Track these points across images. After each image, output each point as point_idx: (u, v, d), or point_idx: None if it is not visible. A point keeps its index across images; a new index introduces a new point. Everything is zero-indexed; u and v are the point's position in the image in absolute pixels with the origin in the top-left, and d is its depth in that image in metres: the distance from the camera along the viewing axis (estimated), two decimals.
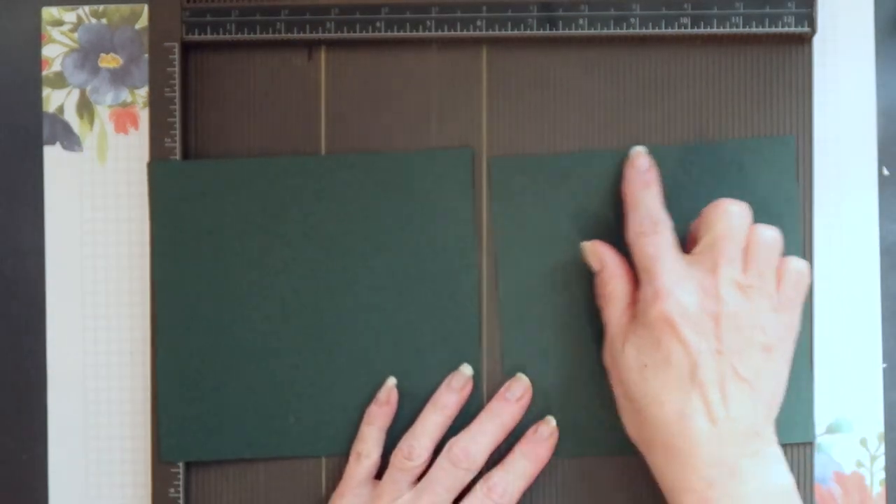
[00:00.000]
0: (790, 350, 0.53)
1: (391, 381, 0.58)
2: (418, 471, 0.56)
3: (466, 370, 0.57)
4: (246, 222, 0.58)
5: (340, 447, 0.58)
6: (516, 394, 0.57)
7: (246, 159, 0.58)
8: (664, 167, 0.57)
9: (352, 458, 0.57)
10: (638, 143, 0.57)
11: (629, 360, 0.52)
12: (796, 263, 0.53)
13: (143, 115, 0.60)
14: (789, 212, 0.57)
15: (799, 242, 0.57)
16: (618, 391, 0.54)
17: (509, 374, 0.58)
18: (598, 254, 0.55)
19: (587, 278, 0.57)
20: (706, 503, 0.50)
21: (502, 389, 0.57)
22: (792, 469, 0.57)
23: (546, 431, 0.56)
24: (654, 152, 0.57)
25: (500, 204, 0.58)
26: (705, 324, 0.51)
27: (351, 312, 0.58)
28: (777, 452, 0.52)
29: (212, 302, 0.58)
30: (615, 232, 0.57)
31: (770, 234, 0.53)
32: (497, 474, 0.55)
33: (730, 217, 0.52)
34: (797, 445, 0.57)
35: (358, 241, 0.58)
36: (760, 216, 0.57)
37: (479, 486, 0.55)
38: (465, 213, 0.58)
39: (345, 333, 0.58)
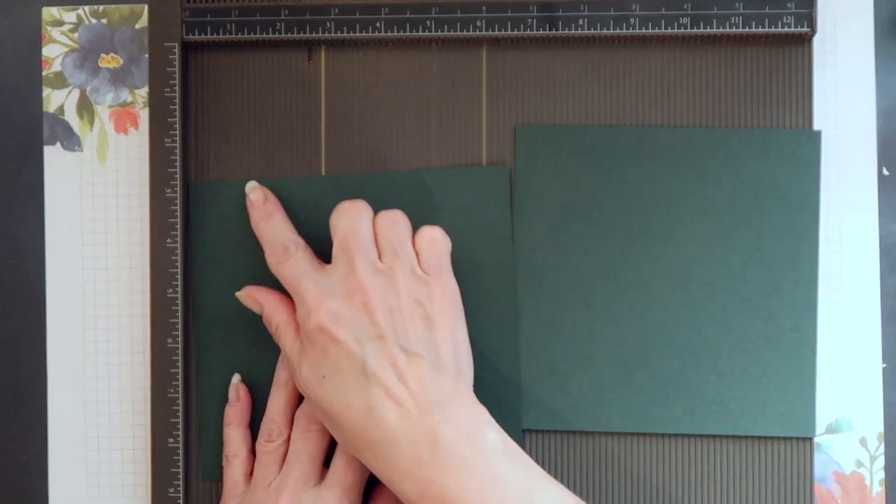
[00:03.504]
0: (455, 313, 0.54)
1: (236, 378, 0.58)
2: (283, 449, 0.56)
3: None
4: None
5: None
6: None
7: (286, 178, 0.58)
8: (690, 149, 0.57)
9: (224, 464, 0.57)
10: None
11: (310, 380, 0.53)
12: (428, 232, 0.54)
13: (143, 115, 0.60)
14: (809, 206, 0.57)
15: (814, 237, 0.57)
16: (318, 414, 0.54)
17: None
18: (253, 297, 0.56)
19: (607, 244, 0.57)
20: (424, 482, 0.50)
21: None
22: (791, 468, 0.57)
23: None
24: (679, 134, 0.57)
25: (522, 172, 0.57)
26: (359, 317, 0.52)
27: None
28: (476, 414, 0.52)
29: (251, 320, 0.58)
30: (635, 207, 0.57)
31: (390, 214, 0.54)
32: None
33: (347, 213, 0.54)
34: (797, 443, 0.57)
35: None
36: (780, 208, 0.57)
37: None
38: (503, 231, 0.58)
39: None
